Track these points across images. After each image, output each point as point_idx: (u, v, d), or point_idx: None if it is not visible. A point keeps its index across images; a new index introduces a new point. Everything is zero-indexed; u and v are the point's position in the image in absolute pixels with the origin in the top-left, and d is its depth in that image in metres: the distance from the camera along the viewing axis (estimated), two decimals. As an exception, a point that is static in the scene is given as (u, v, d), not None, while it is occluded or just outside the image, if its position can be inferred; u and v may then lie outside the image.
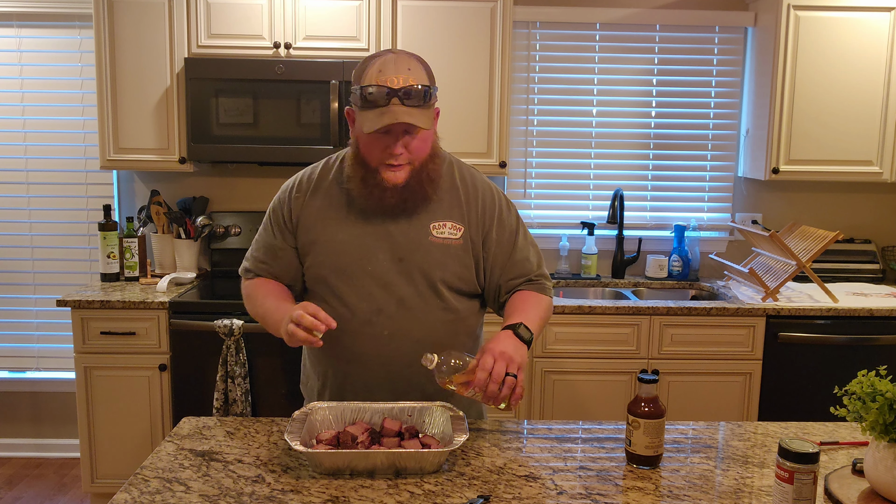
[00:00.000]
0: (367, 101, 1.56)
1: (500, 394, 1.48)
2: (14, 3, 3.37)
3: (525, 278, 1.76)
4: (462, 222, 1.70)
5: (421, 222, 1.68)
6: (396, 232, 1.68)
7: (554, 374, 3.01)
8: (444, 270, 1.68)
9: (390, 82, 1.55)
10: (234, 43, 3.08)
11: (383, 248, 1.67)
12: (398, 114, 1.54)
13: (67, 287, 3.50)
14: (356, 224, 1.68)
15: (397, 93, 1.54)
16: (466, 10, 3.10)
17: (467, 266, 1.71)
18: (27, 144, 3.51)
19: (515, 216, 1.78)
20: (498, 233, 1.73)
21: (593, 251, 3.49)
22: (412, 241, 1.67)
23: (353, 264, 1.67)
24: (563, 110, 3.56)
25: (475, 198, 1.73)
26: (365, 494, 1.33)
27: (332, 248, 1.68)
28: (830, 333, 2.99)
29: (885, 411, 1.26)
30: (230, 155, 3.08)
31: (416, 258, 1.67)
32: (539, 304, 1.72)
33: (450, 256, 1.69)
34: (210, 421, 1.68)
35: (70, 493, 3.33)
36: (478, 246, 1.72)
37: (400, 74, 1.56)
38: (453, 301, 1.71)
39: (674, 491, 1.39)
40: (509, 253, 1.74)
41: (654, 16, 3.47)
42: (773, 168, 3.22)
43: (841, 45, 3.17)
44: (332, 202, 1.71)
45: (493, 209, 1.74)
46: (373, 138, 1.59)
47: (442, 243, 1.68)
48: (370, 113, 1.56)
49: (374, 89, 1.55)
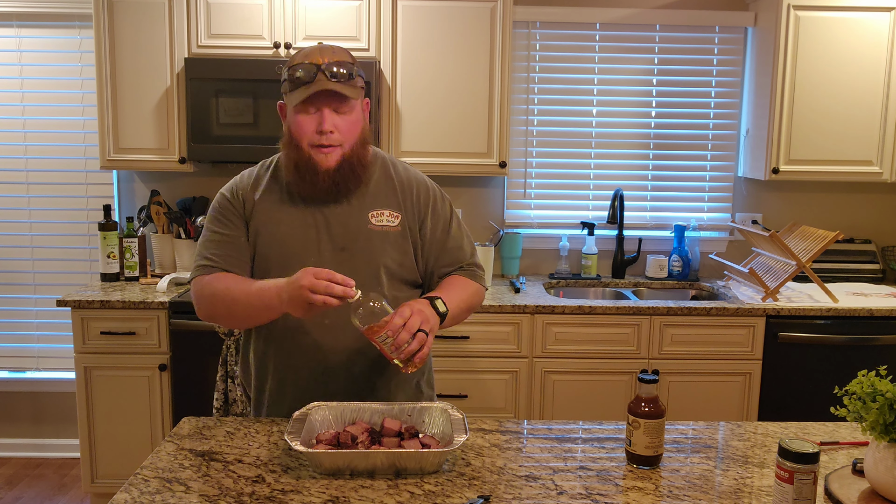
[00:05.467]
0: (295, 80, 1.62)
1: (408, 346, 1.49)
2: (14, 3, 3.37)
3: (458, 266, 1.80)
4: (399, 210, 1.75)
5: (360, 211, 1.72)
6: (335, 222, 1.71)
7: (554, 374, 3.01)
8: (385, 257, 1.71)
9: (315, 60, 1.62)
10: (234, 43, 3.08)
11: (324, 239, 1.70)
12: (324, 84, 1.60)
13: (67, 287, 3.50)
14: (295, 216, 1.71)
15: (322, 68, 1.61)
16: (466, 10, 3.10)
17: (406, 252, 1.75)
18: (27, 144, 3.51)
19: (449, 206, 1.83)
20: (433, 221, 1.78)
21: (593, 251, 3.49)
22: (352, 231, 1.71)
23: (296, 256, 1.68)
24: (563, 110, 3.56)
25: (409, 187, 1.77)
26: (365, 494, 1.33)
27: (275, 240, 1.71)
28: (830, 333, 2.99)
29: (886, 411, 1.26)
30: (230, 155, 3.08)
31: (358, 247, 1.70)
32: (465, 288, 1.76)
33: (389, 244, 1.72)
34: (210, 421, 1.68)
35: (70, 493, 3.33)
36: (415, 233, 1.76)
37: (325, 56, 1.62)
38: (394, 290, 1.73)
39: (674, 491, 1.39)
40: (443, 241, 1.79)
41: (654, 16, 3.47)
42: (773, 168, 3.22)
43: (841, 45, 3.17)
44: (272, 196, 1.74)
45: (427, 198, 1.78)
46: (302, 119, 1.64)
47: (381, 230, 1.72)
48: (297, 91, 1.62)
49: (301, 66, 1.61)
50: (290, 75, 1.63)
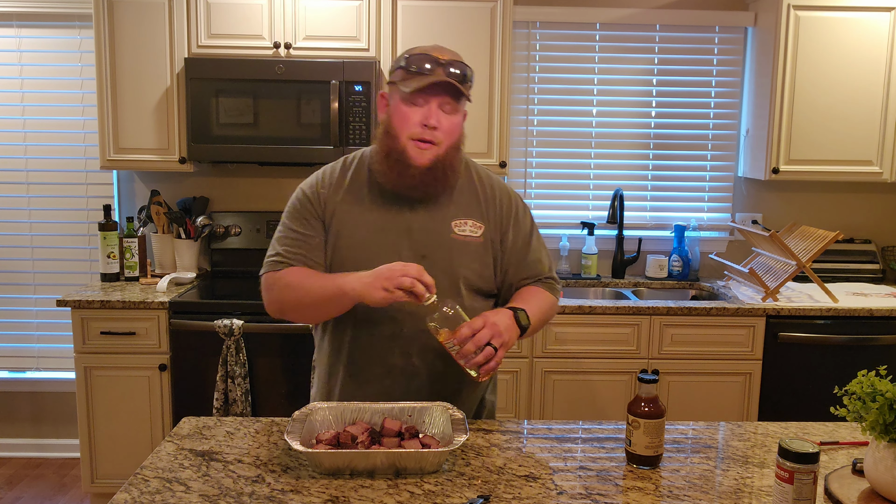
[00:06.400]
0: (413, 70, 1.61)
1: (474, 357, 1.51)
2: (14, 3, 3.37)
3: (536, 279, 1.79)
4: (482, 220, 1.73)
5: (442, 219, 1.70)
6: (417, 228, 1.68)
7: (554, 374, 3.01)
8: (466, 268, 1.70)
9: (436, 55, 1.62)
10: (234, 43, 3.08)
11: (405, 246, 1.68)
12: (442, 76, 1.59)
13: (67, 287, 3.50)
14: (376, 220, 1.68)
15: (441, 63, 1.61)
16: (466, 10, 3.10)
17: (486, 264, 1.73)
18: (27, 144, 3.51)
19: (530, 218, 1.82)
20: (514, 233, 1.76)
21: (593, 251, 3.49)
22: (434, 239, 1.68)
23: (375, 261, 1.64)
24: (563, 110, 3.56)
25: (493, 197, 1.76)
26: (365, 494, 1.33)
27: (354, 243, 1.68)
28: (830, 333, 2.99)
29: (885, 411, 1.25)
30: (230, 155, 3.08)
31: (439, 256, 1.68)
32: (544, 300, 1.75)
33: (471, 254, 1.70)
34: (210, 421, 1.68)
35: (70, 493, 3.33)
36: (496, 244, 1.74)
37: (445, 54, 1.63)
38: (471, 300, 1.71)
39: (674, 491, 1.39)
40: (524, 253, 1.77)
41: (654, 16, 3.47)
42: (773, 168, 3.22)
43: (841, 45, 3.17)
44: (353, 197, 1.71)
45: (510, 209, 1.77)
46: (408, 109, 1.62)
47: (464, 240, 1.70)
48: (412, 79, 1.60)
49: (421, 57, 1.61)
50: (408, 64, 1.61)
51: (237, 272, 3.43)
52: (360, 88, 3.00)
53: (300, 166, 3.38)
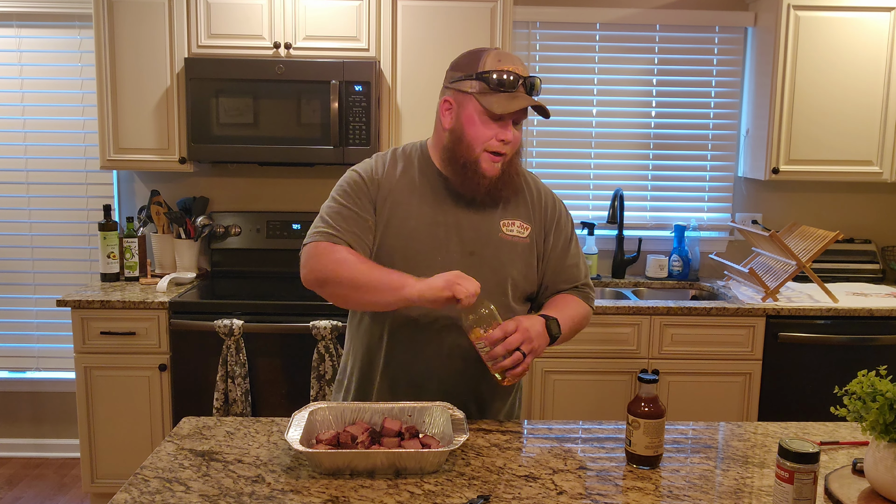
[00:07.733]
0: (498, 85, 1.61)
1: (502, 361, 1.52)
2: (14, 3, 3.37)
3: (572, 285, 1.80)
4: (529, 222, 1.75)
5: (491, 218, 1.71)
6: (467, 225, 1.69)
7: (554, 374, 3.01)
8: (512, 268, 1.71)
9: (519, 70, 1.62)
10: (234, 43, 3.08)
11: (454, 241, 1.68)
12: (528, 100, 1.61)
13: (67, 287, 3.50)
14: (426, 213, 1.69)
15: (524, 80, 1.62)
16: (466, 10, 3.10)
17: (531, 266, 1.74)
18: (27, 144, 3.51)
19: (571, 224, 1.84)
20: (556, 236, 1.78)
21: (593, 251, 3.49)
22: (483, 237, 1.70)
23: (424, 253, 1.65)
24: (562, 110, 3.55)
25: (539, 200, 1.78)
26: (365, 494, 1.33)
27: (403, 233, 1.67)
28: (830, 333, 2.99)
29: (885, 411, 1.26)
30: (230, 155, 3.08)
31: (487, 254, 1.69)
32: (577, 310, 1.76)
33: (517, 255, 1.72)
34: (210, 421, 1.68)
35: (70, 493, 3.33)
36: (540, 247, 1.76)
37: (519, 65, 1.64)
38: (512, 301, 1.72)
39: (674, 491, 1.39)
40: (563, 258, 1.78)
41: (654, 16, 3.47)
42: (773, 168, 3.22)
43: (841, 45, 3.17)
44: (405, 188, 1.70)
45: (554, 213, 1.79)
46: (485, 125, 1.63)
47: (511, 241, 1.72)
48: (499, 96, 1.61)
49: (506, 73, 1.61)
50: (494, 78, 1.61)
51: (237, 272, 3.43)
52: (360, 88, 3.00)
53: (300, 166, 3.38)
